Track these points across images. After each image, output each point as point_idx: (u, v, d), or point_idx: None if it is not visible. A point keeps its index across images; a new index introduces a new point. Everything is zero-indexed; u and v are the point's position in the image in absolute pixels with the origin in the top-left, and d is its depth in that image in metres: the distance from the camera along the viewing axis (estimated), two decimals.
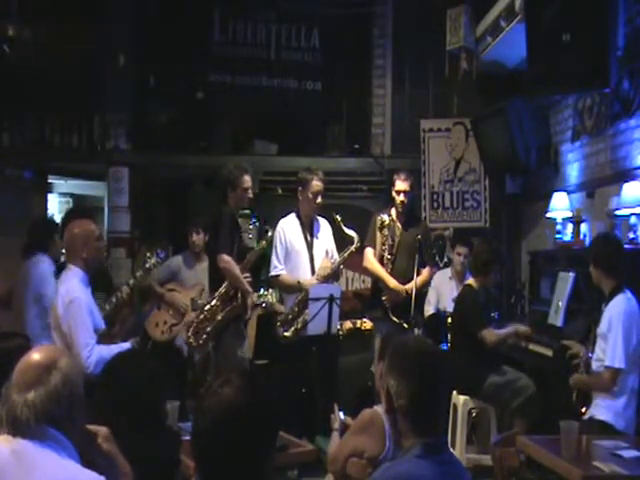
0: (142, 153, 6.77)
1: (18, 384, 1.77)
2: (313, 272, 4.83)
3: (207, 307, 4.55)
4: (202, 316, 4.53)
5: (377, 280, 5.06)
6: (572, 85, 4.56)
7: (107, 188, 6.75)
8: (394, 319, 4.86)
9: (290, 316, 4.70)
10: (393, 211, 5.08)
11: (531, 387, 4.40)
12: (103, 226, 6.59)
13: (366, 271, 5.31)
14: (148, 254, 4.12)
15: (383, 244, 5.00)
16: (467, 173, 6.61)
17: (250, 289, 4.58)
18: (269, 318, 5.21)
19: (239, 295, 4.53)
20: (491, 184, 6.57)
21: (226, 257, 4.47)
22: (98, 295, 3.69)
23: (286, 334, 4.68)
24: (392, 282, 4.91)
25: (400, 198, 4.98)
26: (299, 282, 4.75)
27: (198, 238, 5.51)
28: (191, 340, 4.56)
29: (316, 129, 7.12)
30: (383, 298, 4.94)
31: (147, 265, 4.05)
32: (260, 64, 6.98)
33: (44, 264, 4.55)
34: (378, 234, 5.03)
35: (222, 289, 4.52)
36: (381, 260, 5.00)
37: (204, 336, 4.51)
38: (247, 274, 4.56)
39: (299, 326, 4.66)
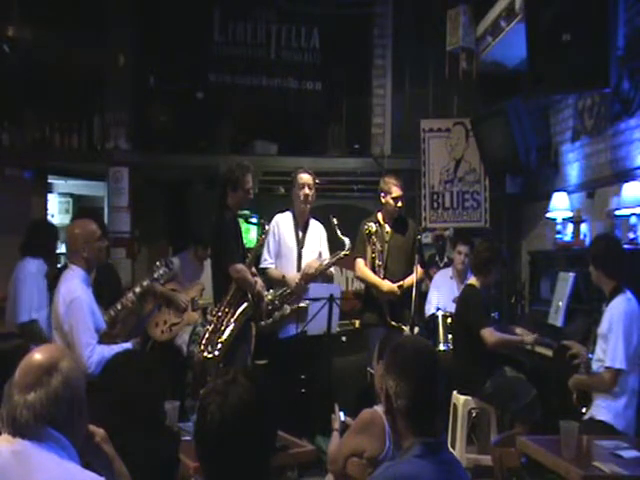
0: (142, 153, 6.76)
1: (19, 384, 1.77)
2: (299, 270, 4.85)
3: (215, 317, 4.32)
4: (212, 327, 4.30)
5: (370, 286, 5.03)
6: (572, 85, 4.56)
7: (107, 188, 6.74)
8: (392, 323, 4.82)
9: (270, 307, 4.70)
10: (380, 215, 5.08)
11: (532, 392, 4.33)
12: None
13: (359, 280, 5.32)
14: (157, 263, 4.02)
15: (373, 252, 4.96)
16: (467, 173, 6.61)
17: (264, 293, 4.53)
18: None
19: (249, 295, 4.38)
20: (491, 184, 6.56)
21: (238, 266, 4.30)
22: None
23: (262, 323, 4.70)
24: (385, 285, 4.88)
25: (398, 204, 4.99)
26: (284, 277, 4.83)
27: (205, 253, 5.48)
28: (205, 354, 4.20)
29: (316, 129, 7.12)
30: (380, 299, 4.91)
31: (155, 275, 3.96)
32: (260, 64, 6.98)
33: (31, 267, 4.56)
34: (367, 243, 4.99)
35: (228, 296, 4.34)
36: (373, 267, 4.97)
37: (218, 346, 4.20)
38: (258, 278, 4.45)
39: (277, 318, 4.70)
